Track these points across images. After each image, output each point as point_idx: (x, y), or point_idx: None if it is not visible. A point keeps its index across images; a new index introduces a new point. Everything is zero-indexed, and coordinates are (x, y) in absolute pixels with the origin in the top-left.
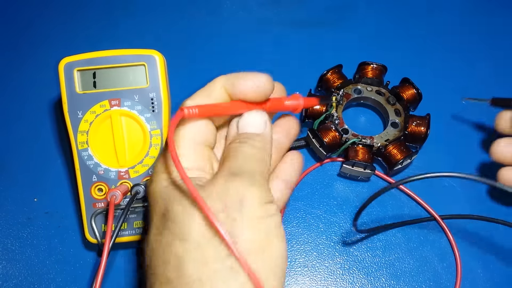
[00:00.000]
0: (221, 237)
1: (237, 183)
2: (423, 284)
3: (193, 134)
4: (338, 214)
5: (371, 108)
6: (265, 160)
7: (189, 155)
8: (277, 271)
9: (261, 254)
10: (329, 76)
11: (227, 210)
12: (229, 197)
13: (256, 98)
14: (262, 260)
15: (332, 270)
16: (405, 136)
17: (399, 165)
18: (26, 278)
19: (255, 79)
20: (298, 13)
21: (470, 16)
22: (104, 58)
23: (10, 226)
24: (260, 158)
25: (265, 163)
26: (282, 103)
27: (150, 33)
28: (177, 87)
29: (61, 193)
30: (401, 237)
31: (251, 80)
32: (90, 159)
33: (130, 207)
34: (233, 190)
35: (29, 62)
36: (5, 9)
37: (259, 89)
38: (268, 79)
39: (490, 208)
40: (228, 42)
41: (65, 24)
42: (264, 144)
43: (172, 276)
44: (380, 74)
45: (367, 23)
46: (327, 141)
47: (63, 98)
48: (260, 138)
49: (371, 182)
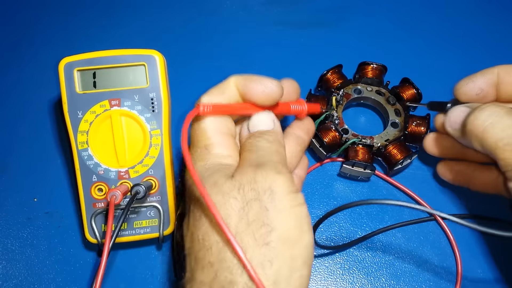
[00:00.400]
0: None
1: (264, 172)
2: (423, 284)
3: (219, 124)
4: (338, 214)
5: (371, 108)
6: (280, 152)
7: (222, 143)
8: (308, 260)
9: (297, 243)
10: (329, 76)
11: (260, 198)
12: (259, 186)
13: (264, 102)
14: (298, 248)
15: (332, 270)
16: (405, 136)
17: (399, 165)
18: (26, 278)
19: (266, 85)
20: (298, 14)
21: (470, 16)
22: (104, 58)
23: (10, 226)
24: (276, 150)
25: (281, 155)
26: (288, 107)
27: (150, 33)
28: (177, 87)
29: (61, 193)
30: (401, 237)
31: (262, 85)
32: (90, 159)
33: (130, 207)
34: (262, 178)
35: (29, 62)
36: (5, 9)
37: (268, 94)
38: (278, 86)
39: (491, 208)
40: (228, 42)
41: (65, 24)
42: (277, 137)
43: (213, 260)
44: (380, 74)
45: (367, 24)
46: (327, 141)
47: (63, 98)
48: (272, 133)
49: (371, 182)
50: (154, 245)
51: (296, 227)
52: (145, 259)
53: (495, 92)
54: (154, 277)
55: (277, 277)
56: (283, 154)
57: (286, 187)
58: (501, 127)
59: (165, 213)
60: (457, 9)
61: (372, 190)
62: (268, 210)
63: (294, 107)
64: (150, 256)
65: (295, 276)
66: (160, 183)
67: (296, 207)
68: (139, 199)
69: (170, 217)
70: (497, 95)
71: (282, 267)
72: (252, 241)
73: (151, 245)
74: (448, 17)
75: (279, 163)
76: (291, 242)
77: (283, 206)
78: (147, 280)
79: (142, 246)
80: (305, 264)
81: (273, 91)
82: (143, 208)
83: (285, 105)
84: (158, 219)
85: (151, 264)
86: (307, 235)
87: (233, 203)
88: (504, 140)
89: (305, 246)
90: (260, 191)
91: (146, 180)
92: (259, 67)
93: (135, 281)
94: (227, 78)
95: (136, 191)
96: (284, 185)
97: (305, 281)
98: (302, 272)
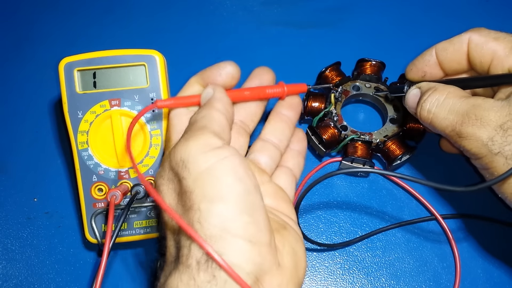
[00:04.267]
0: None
1: (174, 149)
2: (423, 284)
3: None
4: (338, 214)
5: (369, 104)
6: (205, 117)
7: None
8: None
9: (225, 196)
10: (327, 73)
11: (177, 172)
12: (173, 162)
13: (226, 82)
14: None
15: (332, 270)
16: (404, 132)
17: (398, 161)
18: (26, 278)
19: (220, 66)
20: (298, 14)
21: (468, 14)
22: (104, 58)
23: (10, 226)
24: (195, 119)
25: (205, 119)
26: (264, 90)
27: (150, 33)
28: (177, 87)
29: (61, 193)
30: (401, 237)
31: (217, 68)
32: (90, 159)
33: (130, 207)
34: (173, 155)
35: (29, 62)
36: (5, 9)
37: (226, 74)
38: (232, 64)
39: (491, 207)
40: (228, 42)
41: (65, 24)
42: (209, 105)
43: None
44: (378, 71)
45: (367, 24)
46: (326, 138)
47: (63, 98)
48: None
49: (371, 181)
50: (154, 245)
51: (218, 183)
52: (145, 259)
53: (441, 70)
54: (154, 277)
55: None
56: (209, 118)
57: (198, 149)
58: (443, 117)
59: None
60: (454, 7)
61: (372, 190)
62: (185, 179)
63: (271, 90)
64: (150, 256)
65: (238, 223)
66: None
67: (216, 164)
68: (139, 199)
69: None
70: (444, 72)
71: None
72: (181, 209)
73: (151, 245)
74: (446, 14)
75: (194, 131)
76: (216, 197)
77: (198, 169)
78: (147, 280)
79: (142, 246)
80: (242, 212)
81: (228, 70)
82: (143, 208)
83: (260, 88)
84: (158, 219)
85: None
86: (236, 185)
87: (162, 190)
88: (448, 128)
89: (235, 196)
90: (175, 167)
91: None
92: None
93: (135, 281)
94: (188, 80)
95: (136, 191)
96: (196, 147)
97: (251, 227)
98: (243, 219)
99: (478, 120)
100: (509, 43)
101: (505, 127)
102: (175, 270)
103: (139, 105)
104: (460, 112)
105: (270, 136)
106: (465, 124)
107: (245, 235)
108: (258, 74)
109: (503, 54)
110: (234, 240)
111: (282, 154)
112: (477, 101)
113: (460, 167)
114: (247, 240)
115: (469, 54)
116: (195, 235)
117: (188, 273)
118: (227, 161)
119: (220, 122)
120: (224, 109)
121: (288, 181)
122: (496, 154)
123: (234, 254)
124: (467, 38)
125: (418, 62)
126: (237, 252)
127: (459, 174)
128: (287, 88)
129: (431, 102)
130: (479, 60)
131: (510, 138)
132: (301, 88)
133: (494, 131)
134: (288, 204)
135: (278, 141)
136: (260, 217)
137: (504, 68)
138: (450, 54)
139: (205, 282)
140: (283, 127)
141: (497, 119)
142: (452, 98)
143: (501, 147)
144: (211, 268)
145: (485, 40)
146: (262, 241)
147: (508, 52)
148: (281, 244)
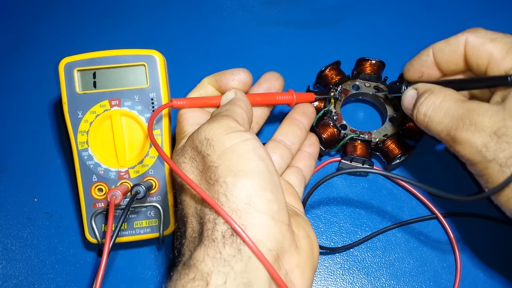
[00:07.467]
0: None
1: (197, 131)
2: (423, 284)
3: (198, 118)
4: (338, 214)
5: (369, 103)
6: (229, 109)
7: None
8: (269, 184)
9: (250, 173)
10: (327, 73)
11: (200, 151)
12: (196, 142)
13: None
14: (252, 177)
15: (332, 270)
16: (403, 131)
17: (397, 160)
18: (26, 278)
19: (234, 73)
20: (298, 14)
21: (468, 13)
22: (104, 58)
23: (10, 226)
24: (220, 111)
25: (229, 111)
26: (274, 97)
27: (150, 33)
28: (177, 87)
29: (61, 193)
30: (401, 237)
31: (232, 74)
32: (90, 159)
33: (130, 207)
34: (196, 135)
35: (29, 62)
36: (5, 9)
37: (239, 80)
38: (246, 72)
39: (491, 206)
40: (228, 41)
41: (65, 24)
42: (232, 102)
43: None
44: (378, 70)
45: (366, 24)
46: (325, 137)
47: (63, 98)
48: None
49: (371, 180)
50: (154, 245)
51: (243, 158)
52: (145, 259)
53: (438, 70)
54: (154, 277)
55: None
56: (232, 110)
57: (223, 130)
58: (438, 120)
59: (165, 213)
60: (454, 7)
61: (372, 190)
62: (210, 155)
63: (281, 97)
64: (150, 256)
65: (262, 199)
66: (160, 183)
67: (239, 143)
68: (139, 199)
69: (170, 217)
70: (441, 72)
71: (241, 194)
72: (205, 184)
73: (151, 245)
74: (445, 14)
75: (218, 117)
76: (242, 172)
77: (222, 146)
78: (147, 280)
79: (142, 246)
80: (266, 190)
81: (242, 77)
82: (143, 208)
83: (270, 95)
84: (158, 219)
85: (151, 264)
86: (259, 163)
87: (185, 167)
88: (443, 132)
89: (259, 173)
90: (198, 145)
91: (146, 180)
92: (259, 66)
93: (135, 281)
94: (201, 80)
95: (136, 191)
96: (220, 129)
97: (274, 205)
98: (266, 196)
99: (473, 125)
100: (506, 45)
101: (499, 133)
102: (201, 244)
103: (139, 105)
104: (455, 116)
105: (282, 137)
106: (459, 129)
107: (268, 211)
108: (268, 79)
109: (499, 56)
110: (258, 215)
111: (293, 155)
112: (472, 105)
113: (459, 167)
114: (270, 217)
115: (466, 56)
116: (220, 209)
117: (214, 246)
118: (249, 142)
119: (242, 115)
120: (246, 107)
121: (297, 179)
122: (491, 161)
123: (257, 229)
124: (463, 39)
125: (415, 63)
126: (260, 227)
127: (459, 174)
128: (296, 96)
129: (427, 105)
130: (476, 62)
131: (504, 145)
132: (310, 97)
133: (489, 137)
134: (297, 199)
135: (290, 143)
136: (280, 197)
137: (500, 70)
138: (447, 55)
139: (230, 256)
140: (295, 130)
141: (491, 125)
142: (448, 102)
143: (495, 153)
144: (236, 242)
145: (481, 41)
146: (283, 220)
147: (504, 54)
148: (296, 228)
